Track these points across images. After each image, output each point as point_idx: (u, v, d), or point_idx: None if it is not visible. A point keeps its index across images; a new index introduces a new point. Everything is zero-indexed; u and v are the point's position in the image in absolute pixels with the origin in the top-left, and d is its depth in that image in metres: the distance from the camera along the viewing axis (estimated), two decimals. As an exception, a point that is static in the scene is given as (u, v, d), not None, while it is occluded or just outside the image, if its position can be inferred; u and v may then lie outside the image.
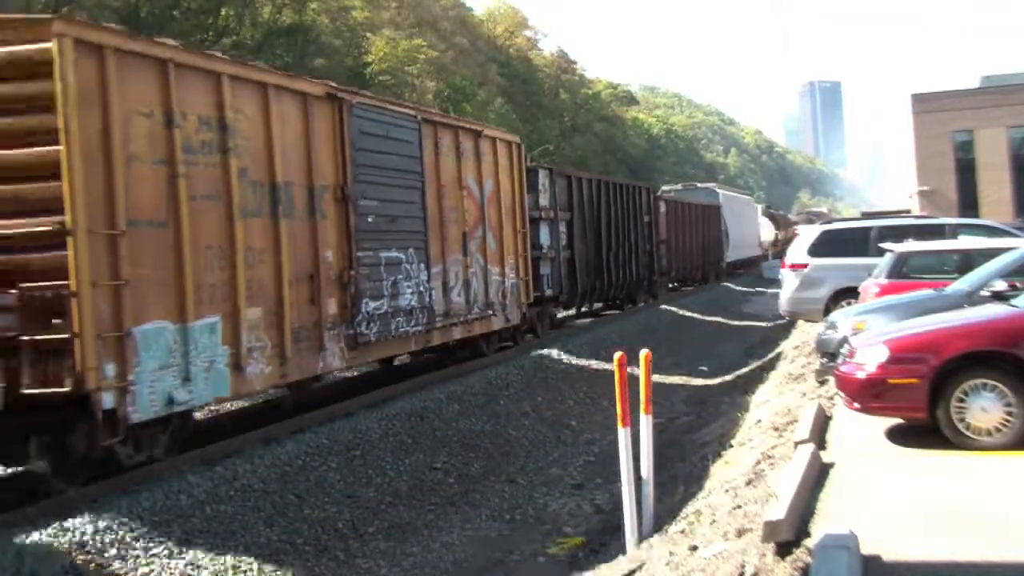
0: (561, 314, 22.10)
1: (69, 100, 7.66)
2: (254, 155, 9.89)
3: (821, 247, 16.09)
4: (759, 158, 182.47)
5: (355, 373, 14.41)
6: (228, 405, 11.74)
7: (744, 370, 18.20)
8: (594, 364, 16.83)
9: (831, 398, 9.52)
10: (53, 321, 7.63)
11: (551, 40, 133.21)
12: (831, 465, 6.86)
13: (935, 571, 4.72)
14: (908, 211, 37.50)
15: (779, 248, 47.97)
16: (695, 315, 27.74)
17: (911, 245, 13.51)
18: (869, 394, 7.49)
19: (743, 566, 5.15)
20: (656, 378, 17.61)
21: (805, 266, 16.01)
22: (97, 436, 7.91)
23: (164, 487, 8.04)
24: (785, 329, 21.22)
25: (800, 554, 4.93)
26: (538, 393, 14.54)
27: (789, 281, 16.36)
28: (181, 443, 9.13)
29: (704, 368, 18.95)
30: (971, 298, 9.59)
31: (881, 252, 13.81)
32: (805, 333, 17.74)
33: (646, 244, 27.19)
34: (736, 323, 28.19)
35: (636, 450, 7.59)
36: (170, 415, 8.69)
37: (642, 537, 7.54)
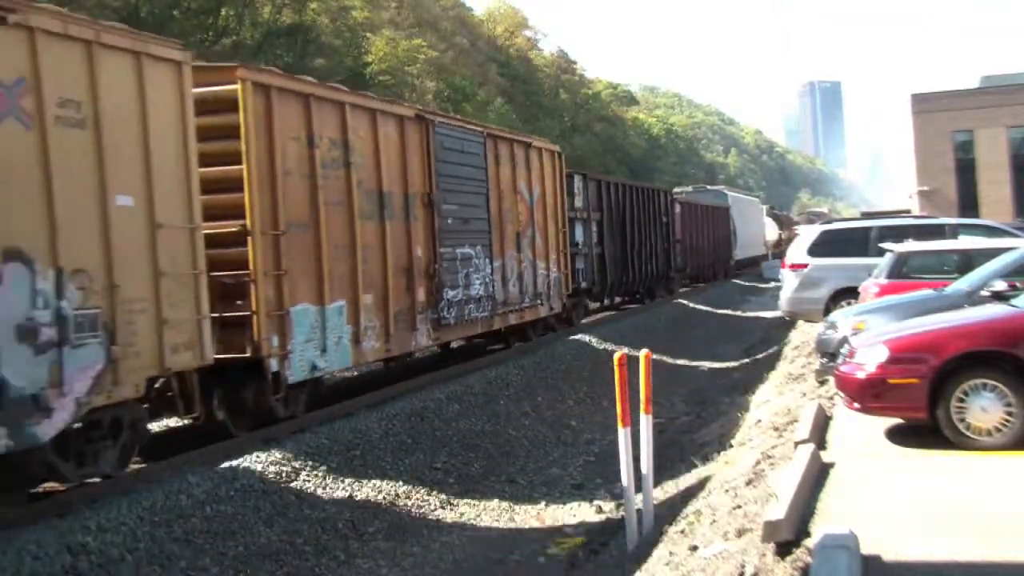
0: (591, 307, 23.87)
1: (249, 129, 9.79)
2: (367, 169, 11.97)
3: (821, 247, 16.08)
4: (759, 158, 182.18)
5: (355, 373, 14.49)
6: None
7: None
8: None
9: (831, 398, 9.51)
10: (236, 302, 9.64)
11: (551, 40, 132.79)
12: (831, 465, 6.85)
13: (935, 571, 4.71)
14: (908, 211, 37.46)
15: (780, 248, 48.22)
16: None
17: (911, 245, 13.49)
18: (869, 394, 7.49)
19: (743, 566, 5.15)
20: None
21: (805, 266, 15.98)
22: (266, 393, 9.92)
23: (164, 487, 8.04)
24: (785, 328, 21.23)
25: (800, 554, 4.92)
26: (538, 393, 14.55)
27: (789, 281, 16.33)
28: (314, 402, 11.07)
29: (706, 365, 19.08)
30: (971, 298, 9.57)
31: (881, 252, 13.79)
32: (805, 333, 17.73)
33: (664, 243, 29.17)
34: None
35: (636, 450, 7.60)
36: (310, 379, 10.76)
37: (642, 537, 7.55)
